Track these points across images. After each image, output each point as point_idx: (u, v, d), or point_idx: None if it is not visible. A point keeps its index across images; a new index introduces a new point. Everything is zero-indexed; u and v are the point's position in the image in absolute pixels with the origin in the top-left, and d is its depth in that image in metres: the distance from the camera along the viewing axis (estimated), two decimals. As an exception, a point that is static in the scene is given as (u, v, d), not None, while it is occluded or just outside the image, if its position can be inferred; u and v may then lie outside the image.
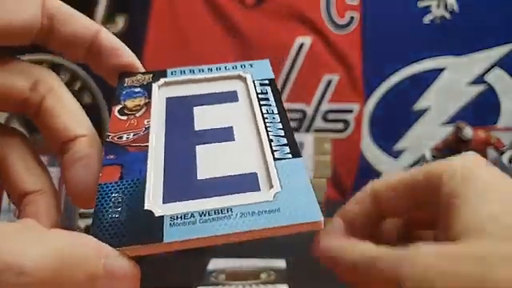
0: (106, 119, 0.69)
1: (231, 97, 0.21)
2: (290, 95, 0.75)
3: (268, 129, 0.19)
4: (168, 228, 0.15)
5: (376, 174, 0.75)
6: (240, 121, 0.20)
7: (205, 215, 0.15)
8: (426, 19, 0.74)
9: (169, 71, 0.22)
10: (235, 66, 0.23)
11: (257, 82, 0.22)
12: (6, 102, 0.19)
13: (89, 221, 0.44)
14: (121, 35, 0.70)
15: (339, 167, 0.74)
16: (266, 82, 0.22)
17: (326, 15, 0.73)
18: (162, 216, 0.16)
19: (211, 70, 0.23)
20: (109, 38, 0.21)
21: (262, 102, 0.21)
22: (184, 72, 0.22)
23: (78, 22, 0.20)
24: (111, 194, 0.16)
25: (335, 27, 0.73)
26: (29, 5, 0.19)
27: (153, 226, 0.15)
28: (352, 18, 0.74)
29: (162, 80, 0.22)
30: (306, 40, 0.73)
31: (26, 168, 0.19)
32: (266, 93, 0.21)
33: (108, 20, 0.70)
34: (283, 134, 0.19)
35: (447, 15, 0.74)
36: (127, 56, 0.21)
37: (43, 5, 0.19)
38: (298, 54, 0.73)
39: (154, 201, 0.16)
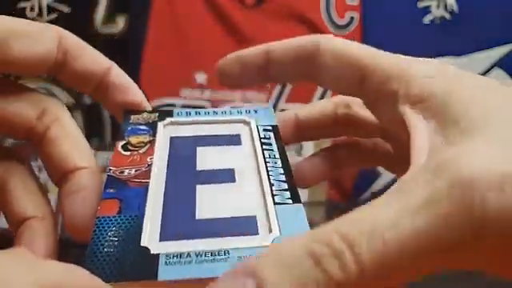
0: (106, 119, 0.69)
1: (235, 140, 0.22)
2: (290, 95, 0.75)
3: (269, 173, 0.19)
4: (163, 266, 0.15)
5: (376, 175, 0.75)
6: (242, 164, 0.20)
7: (201, 256, 0.15)
8: (426, 19, 0.74)
9: (175, 111, 0.23)
10: (240, 111, 0.23)
11: (260, 128, 0.22)
12: (13, 129, 0.20)
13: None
14: (121, 35, 0.70)
15: (339, 167, 0.74)
16: (270, 127, 0.22)
17: (325, 15, 0.73)
18: (158, 254, 0.15)
19: (216, 113, 0.23)
20: (118, 75, 0.22)
21: (264, 147, 0.21)
22: (190, 113, 0.23)
23: (90, 59, 0.21)
24: (108, 227, 0.16)
25: (335, 27, 0.73)
26: (46, 39, 0.20)
27: (148, 263, 0.15)
28: (352, 18, 0.74)
29: (168, 119, 0.22)
30: (306, 40, 0.73)
31: (26, 194, 0.20)
32: (269, 138, 0.22)
33: (108, 20, 0.70)
34: (284, 179, 0.19)
35: (447, 15, 0.74)
36: (134, 93, 0.22)
37: (60, 40, 0.20)
38: (298, 54, 0.73)
39: (150, 238, 0.16)
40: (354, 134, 0.26)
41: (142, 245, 0.16)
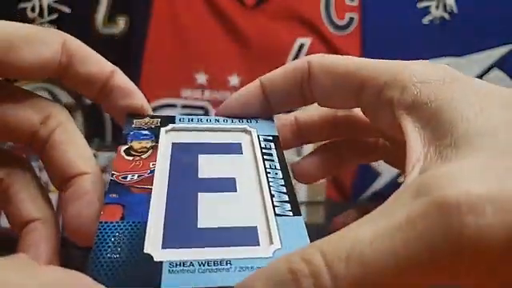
0: (106, 119, 0.70)
1: (236, 149, 0.22)
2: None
3: (270, 184, 0.19)
4: (167, 274, 0.15)
5: (375, 174, 0.75)
6: (243, 173, 0.20)
7: (204, 265, 0.15)
8: (426, 20, 0.74)
9: (177, 117, 0.23)
10: (241, 120, 0.24)
11: (261, 138, 0.22)
12: (16, 134, 0.20)
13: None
14: (122, 35, 0.70)
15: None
16: (270, 138, 0.22)
17: (325, 16, 0.73)
18: (162, 261, 0.15)
19: (218, 120, 0.23)
20: (122, 80, 0.22)
21: (265, 157, 0.21)
22: (192, 120, 0.23)
23: (94, 62, 0.21)
24: (111, 233, 0.16)
25: (335, 28, 0.73)
26: (50, 43, 0.20)
27: (151, 271, 0.15)
28: (351, 18, 0.74)
29: (170, 125, 0.23)
30: (306, 41, 0.73)
31: (29, 197, 0.20)
32: (270, 148, 0.22)
33: (109, 21, 0.71)
34: (285, 191, 0.19)
35: (446, 16, 0.74)
36: (138, 98, 0.22)
37: (64, 43, 0.20)
38: (298, 54, 0.73)
39: (153, 245, 0.16)
40: (355, 135, 0.26)
41: (145, 252, 0.16)
